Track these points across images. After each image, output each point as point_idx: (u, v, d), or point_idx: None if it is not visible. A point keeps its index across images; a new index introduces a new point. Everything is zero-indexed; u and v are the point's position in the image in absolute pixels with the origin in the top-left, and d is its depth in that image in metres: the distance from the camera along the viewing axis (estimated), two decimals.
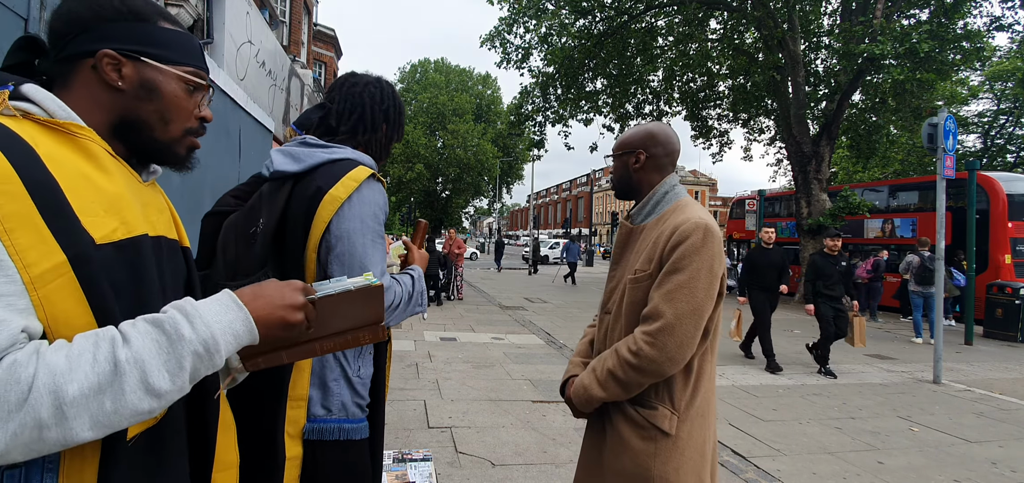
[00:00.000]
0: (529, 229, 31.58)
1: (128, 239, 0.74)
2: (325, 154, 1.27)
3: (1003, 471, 3.78)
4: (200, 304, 0.74)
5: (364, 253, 1.21)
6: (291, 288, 0.83)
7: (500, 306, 11.73)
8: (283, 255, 1.22)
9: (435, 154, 38.44)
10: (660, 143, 1.54)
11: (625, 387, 1.39)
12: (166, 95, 0.84)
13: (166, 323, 0.69)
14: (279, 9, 12.95)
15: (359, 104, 1.38)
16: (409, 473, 2.75)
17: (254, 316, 0.76)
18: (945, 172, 6.66)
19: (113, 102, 0.80)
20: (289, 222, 1.22)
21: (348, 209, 1.20)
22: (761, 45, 14.57)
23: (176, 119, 0.86)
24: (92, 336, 0.64)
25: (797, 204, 14.43)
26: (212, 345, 0.71)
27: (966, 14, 11.74)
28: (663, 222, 1.45)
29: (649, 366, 1.33)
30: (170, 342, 0.67)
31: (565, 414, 4.46)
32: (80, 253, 0.66)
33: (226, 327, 0.73)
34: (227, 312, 0.74)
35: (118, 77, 0.80)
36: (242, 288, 0.80)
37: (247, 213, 1.30)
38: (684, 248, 1.34)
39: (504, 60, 16.47)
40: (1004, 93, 22.37)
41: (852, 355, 7.49)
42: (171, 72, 0.84)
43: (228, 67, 6.35)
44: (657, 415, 1.38)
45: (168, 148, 0.87)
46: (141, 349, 0.65)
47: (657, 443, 1.37)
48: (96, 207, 0.71)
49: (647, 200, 1.53)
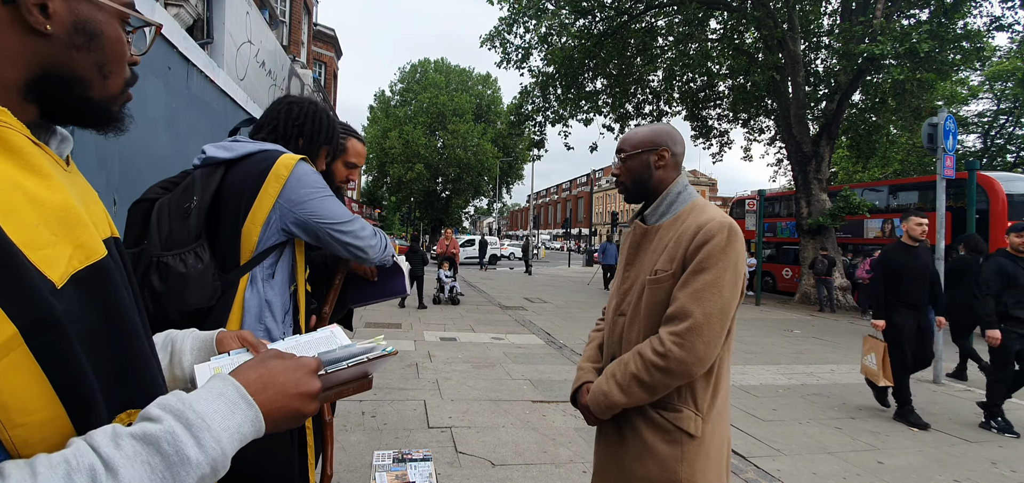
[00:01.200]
0: (529, 229, 31.56)
1: (89, 266, 0.55)
2: (253, 147, 1.46)
3: (1003, 471, 3.78)
4: (201, 405, 0.57)
5: (327, 209, 1.43)
6: (305, 372, 0.68)
7: (500, 306, 11.73)
8: (218, 229, 1.38)
9: (435, 154, 38.42)
10: (678, 142, 1.53)
11: (651, 390, 1.35)
12: (108, 40, 0.63)
13: (163, 441, 0.52)
14: (279, 9, 12.95)
15: (275, 117, 1.59)
16: (409, 473, 2.75)
17: (263, 411, 0.62)
18: (945, 172, 6.67)
19: (34, 52, 0.58)
20: (224, 200, 1.38)
21: (295, 182, 1.39)
22: (761, 45, 14.57)
23: (117, 70, 0.65)
24: (62, 466, 0.46)
25: (797, 204, 14.44)
26: (221, 464, 0.56)
27: (966, 14, 11.73)
28: (681, 222, 1.43)
29: (678, 367, 1.30)
30: (169, 467, 0.51)
31: (565, 414, 4.47)
32: (37, 318, 0.48)
33: (234, 433, 0.58)
34: (235, 413, 0.59)
35: (44, 18, 0.57)
36: (244, 370, 0.65)
37: (181, 193, 1.42)
38: (710, 247, 1.32)
39: (504, 60, 16.47)
40: (1004, 93, 22.37)
41: (852, 355, 7.49)
42: (110, 6, 0.63)
43: (228, 67, 6.35)
44: (683, 418, 1.36)
45: (106, 108, 0.65)
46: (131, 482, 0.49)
47: (683, 446, 1.35)
48: (43, 233, 0.51)
49: (662, 200, 1.50)
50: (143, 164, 3.87)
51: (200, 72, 5.27)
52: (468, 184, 39.92)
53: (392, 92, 42.82)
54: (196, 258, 1.31)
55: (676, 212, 1.47)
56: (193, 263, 1.30)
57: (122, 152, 3.04)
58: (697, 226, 1.37)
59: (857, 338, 9.36)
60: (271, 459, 1.32)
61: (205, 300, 1.31)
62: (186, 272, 1.28)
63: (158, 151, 4.25)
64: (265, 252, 1.41)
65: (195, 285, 1.30)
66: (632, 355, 1.38)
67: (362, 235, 1.52)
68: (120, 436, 0.51)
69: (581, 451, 3.70)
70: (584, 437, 3.95)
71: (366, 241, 1.53)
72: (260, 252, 1.40)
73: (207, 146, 1.47)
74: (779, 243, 17.31)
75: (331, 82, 23.81)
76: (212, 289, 1.33)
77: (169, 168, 4.24)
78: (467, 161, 37.89)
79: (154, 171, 3.97)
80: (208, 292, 1.32)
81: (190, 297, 1.29)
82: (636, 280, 1.48)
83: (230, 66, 6.48)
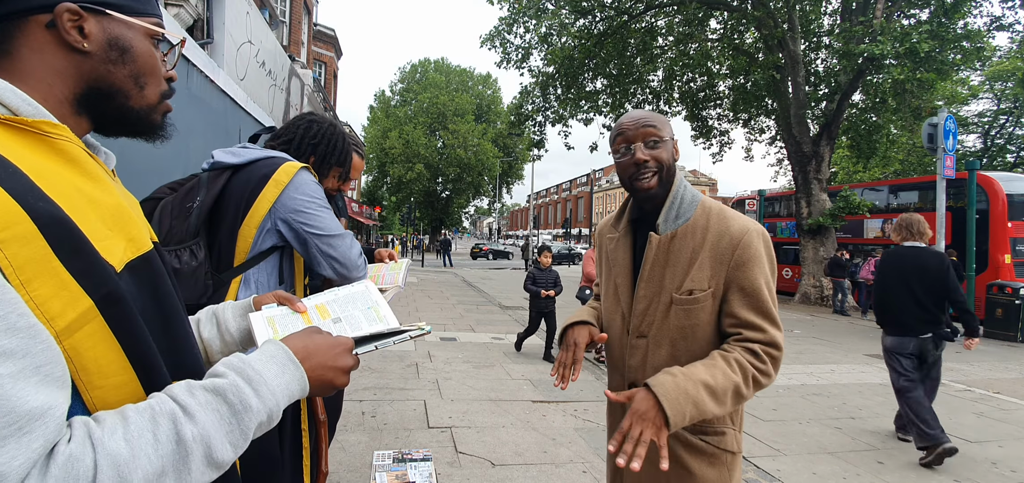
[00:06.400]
0: (529, 229, 31.58)
1: (140, 257, 0.65)
2: (260, 153, 1.50)
3: (1003, 471, 3.78)
4: (260, 365, 0.68)
5: (319, 221, 1.46)
6: (343, 349, 0.79)
7: (500, 306, 11.73)
8: (217, 230, 1.41)
9: (435, 154, 38.43)
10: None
11: (738, 402, 1.23)
12: (139, 54, 0.71)
13: (230, 392, 0.63)
14: (279, 9, 12.95)
15: (293, 132, 1.65)
16: (409, 473, 2.75)
17: (308, 376, 0.73)
18: (945, 172, 6.67)
19: (78, 69, 0.66)
20: (226, 202, 1.42)
21: (293, 189, 1.43)
22: (761, 45, 14.56)
23: (152, 82, 0.73)
24: (148, 412, 0.57)
25: (797, 204, 14.43)
26: (276, 413, 0.67)
27: (966, 14, 11.73)
28: (700, 230, 1.30)
29: (766, 382, 1.25)
30: (235, 414, 0.62)
31: (565, 414, 4.46)
32: (107, 292, 0.57)
33: (284, 388, 0.69)
34: (285, 373, 0.70)
35: (82, 37, 0.65)
36: (293, 340, 0.76)
37: (185, 193, 1.46)
38: (753, 259, 1.26)
39: (504, 60, 16.47)
40: (1004, 93, 22.38)
41: (852, 355, 7.49)
42: (139, 25, 0.71)
43: (228, 67, 6.35)
44: (727, 440, 1.32)
45: (146, 117, 0.74)
46: (206, 424, 0.59)
47: (727, 466, 1.33)
48: (101, 227, 0.61)
49: (673, 201, 1.34)
50: (142, 164, 3.87)
51: (200, 72, 5.27)
52: (468, 184, 39.94)
53: (392, 92, 42.87)
54: (191, 255, 1.34)
55: (689, 215, 1.32)
56: (187, 260, 1.33)
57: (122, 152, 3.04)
58: (731, 238, 1.26)
59: (857, 338, 9.36)
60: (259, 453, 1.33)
61: (195, 297, 1.33)
62: (180, 268, 1.31)
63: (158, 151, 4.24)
64: (260, 255, 1.43)
65: (187, 281, 1.32)
66: (734, 366, 1.20)
67: (349, 254, 1.51)
68: (194, 388, 0.62)
69: (581, 451, 3.70)
70: (584, 437, 3.95)
71: (351, 260, 1.51)
72: (255, 255, 1.42)
73: (216, 151, 1.51)
74: (779, 243, 17.32)
75: (331, 82, 23.81)
76: (204, 287, 1.35)
77: (168, 167, 4.24)
78: (467, 161, 37.91)
79: (153, 171, 3.97)
80: (199, 289, 1.34)
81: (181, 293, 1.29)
82: (655, 299, 1.33)
83: (230, 66, 6.48)
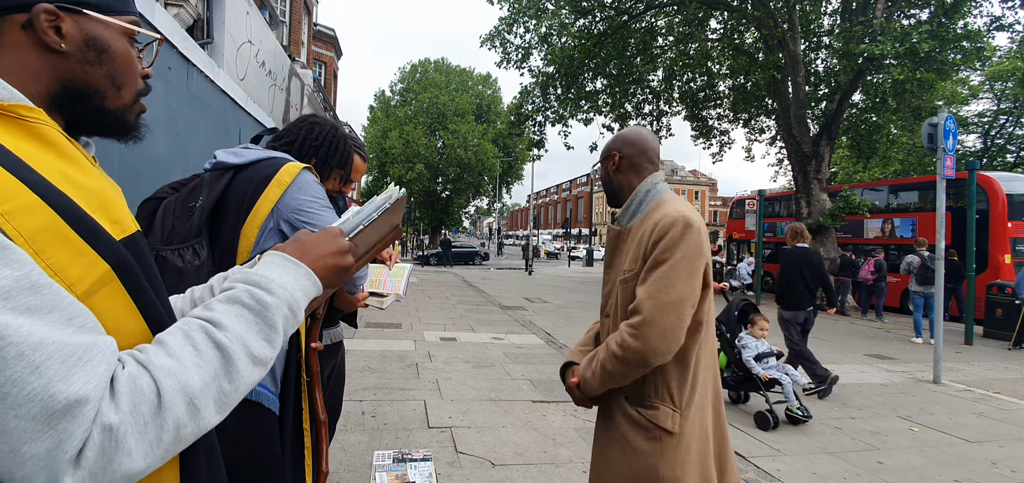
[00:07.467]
0: (529, 229, 31.61)
1: (126, 237, 0.66)
2: (262, 154, 1.51)
3: (1003, 471, 3.78)
4: (261, 269, 0.73)
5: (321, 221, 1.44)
6: (330, 235, 0.82)
7: (500, 306, 11.73)
8: (219, 229, 1.42)
9: (435, 154, 38.40)
10: (631, 143, 1.60)
11: (615, 378, 1.43)
12: (116, 54, 0.71)
13: (243, 296, 0.67)
14: (279, 9, 12.95)
15: (295, 133, 1.67)
16: (409, 473, 2.75)
17: (313, 271, 0.77)
18: (945, 172, 6.66)
19: (53, 68, 0.66)
20: (228, 202, 1.42)
21: (295, 188, 1.43)
22: (761, 45, 14.56)
23: (128, 82, 0.73)
24: (178, 332, 0.61)
25: (797, 204, 14.43)
26: (295, 305, 0.71)
27: (966, 14, 11.73)
28: (646, 220, 1.48)
29: (633, 357, 1.36)
30: (255, 313, 0.67)
31: (565, 414, 4.47)
32: (120, 258, 0.61)
33: (296, 285, 0.73)
34: (288, 272, 0.74)
35: (59, 37, 0.65)
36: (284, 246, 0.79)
37: (188, 193, 1.47)
38: (665, 241, 1.38)
39: (504, 60, 16.49)
40: (1004, 93, 22.35)
41: (852, 355, 7.49)
42: (116, 24, 0.71)
43: (228, 67, 6.35)
44: (659, 414, 1.41)
45: (120, 118, 0.74)
46: (235, 328, 0.64)
47: (662, 442, 1.40)
48: (92, 207, 0.62)
49: (630, 202, 1.58)
50: (143, 164, 3.87)
51: (200, 72, 5.27)
52: (468, 184, 39.90)
53: (392, 92, 42.80)
54: (194, 254, 1.34)
55: (644, 211, 1.53)
56: (190, 259, 1.33)
57: (122, 152, 3.04)
58: (654, 222, 1.43)
59: (857, 338, 9.36)
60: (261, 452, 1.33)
61: None
62: (182, 267, 1.31)
63: (158, 151, 4.25)
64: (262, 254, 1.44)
65: (190, 280, 1.32)
66: (603, 345, 1.48)
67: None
68: (210, 304, 0.66)
69: (581, 451, 3.70)
70: (584, 437, 3.95)
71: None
72: (257, 254, 1.42)
73: (218, 151, 1.52)
74: (779, 243, 17.32)
75: (331, 82, 23.79)
76: None
77: (169, 167, 4.24)
78: (467, 161, 37.87)
79: (154, 171, 3.97)
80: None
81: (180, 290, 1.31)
82: (614, 282, 1.55)
83: (230, 66, 6.48)
